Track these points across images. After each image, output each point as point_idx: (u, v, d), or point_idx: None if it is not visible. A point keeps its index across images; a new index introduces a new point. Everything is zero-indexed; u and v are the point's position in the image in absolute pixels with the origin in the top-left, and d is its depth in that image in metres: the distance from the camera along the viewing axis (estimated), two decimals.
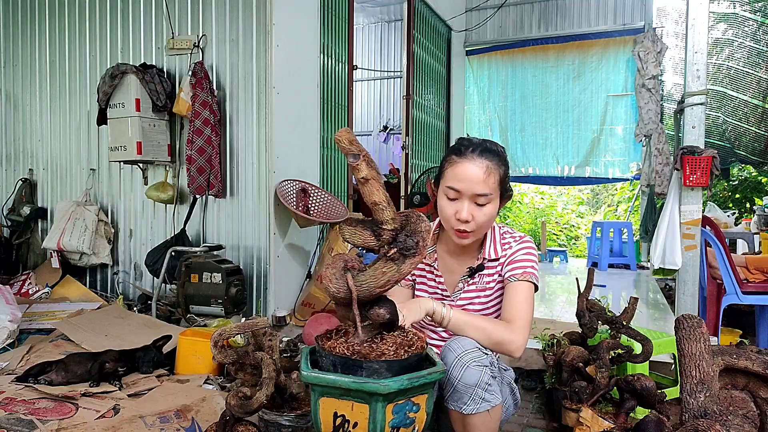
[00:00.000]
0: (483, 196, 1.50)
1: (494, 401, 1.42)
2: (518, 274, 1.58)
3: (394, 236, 1.24)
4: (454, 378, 1.39)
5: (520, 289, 1.56)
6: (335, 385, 1.20)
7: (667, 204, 3.49)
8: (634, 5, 6.64)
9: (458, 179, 1.51)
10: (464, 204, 1.51)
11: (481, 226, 1.55)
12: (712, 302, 3.54)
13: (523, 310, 1.54)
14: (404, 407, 1.21)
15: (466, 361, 1.38)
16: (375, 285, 1.23)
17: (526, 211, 10.07)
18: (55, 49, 4.35)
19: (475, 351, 1.42)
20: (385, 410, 1.18)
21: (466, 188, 1.50)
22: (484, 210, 1.52)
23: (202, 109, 3.50)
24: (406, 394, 1.20)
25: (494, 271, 1.66)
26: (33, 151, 4.51)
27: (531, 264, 1.60)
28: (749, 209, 7.49)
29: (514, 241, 1.65)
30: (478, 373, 1.38)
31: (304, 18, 3.87)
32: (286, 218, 3.66)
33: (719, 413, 1.36)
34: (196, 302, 3.22)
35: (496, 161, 1.52)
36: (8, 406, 2.10)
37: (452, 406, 1.43)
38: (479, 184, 1.49)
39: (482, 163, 1.50)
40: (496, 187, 1.52)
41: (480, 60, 7.53)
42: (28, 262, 4.43)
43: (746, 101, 6.02)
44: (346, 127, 1.45)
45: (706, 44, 3.33)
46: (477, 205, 1.52)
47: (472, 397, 1.39)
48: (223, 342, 1.69)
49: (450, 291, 1.70)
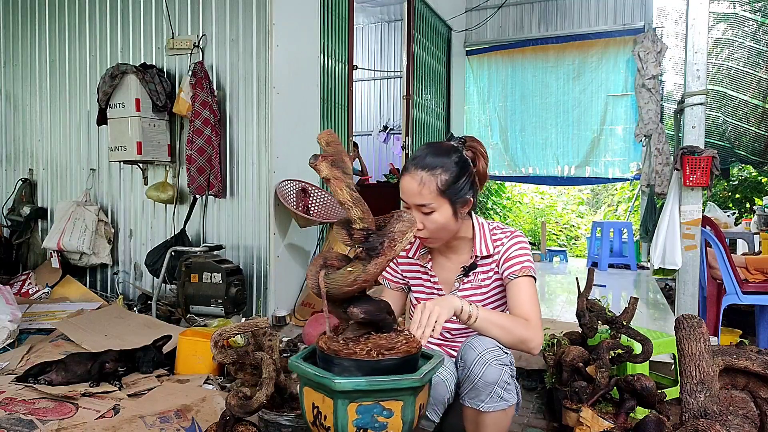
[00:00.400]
0: (423, 206, 1.54)
1: (512, 401, 1.45)
2: (517, 270, 1.59)
3: (366, 236, 1.25)
4: (474, 375, 1.41)
5: (524, 286, 1.57)
6: (306, 376, 1.24)
7: (667, 204, 3.49)
8: (634, 5, 6.64)
9: (402, 192, 1.58)
10: (414, 213, 1.56)
11: (435, 231, 1.57)
12: (712, 302, 3.54)
13: (534, 307, 1.55)
14: (371, 410, 1.19)
15: (487, 359, 1.41)
16: (342, 283, 1.25)
17: (526, 211, 10.07)
18: (55, 49, 4.35)
19: (497, 350, 1.43)
20: (347, 408, 1.19)
21: (408, 200, 1.56)
22: (431, 218, 1.55)
23: (202, 109, 3.50)
24: (371, 396, 1.18)
25: (489, 268, 1.66)
26: (33, 151, 4.51)
27: (527, 258, 1.62)
28: (749, 209, 7.49)
29: (506, 237, 1.66)
30: (499, 371, 1.41)
31: (304, 18, 3.87)
32: (286, 218, 3.66)
33: (719, 413, 1.36)
34: (196, 302, 3.22)
35: (433, 170, 1.52)
36: (8, 406, 2.10)
37: (469, 403, 1.44)
38: (415, 196, 1.53)
39: (416, 176, 1.53)
40: (435, 196, 1.52)
41: (480, 60, 7.53)
42: (28, 262, 4.43)
43: (746, 101, 6.02)
44: (329, 129, 1.48)
45: (706, 44, 3.33)
46: (424, 214, 1.55)
47: (490, 395, 1.41)
48: (223, 342, 1.69)
49: (446, 291, 1.70)
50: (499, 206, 9.46)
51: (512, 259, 1.61)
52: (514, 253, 1.62)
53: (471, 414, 1.47)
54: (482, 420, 1.44)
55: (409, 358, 1.25)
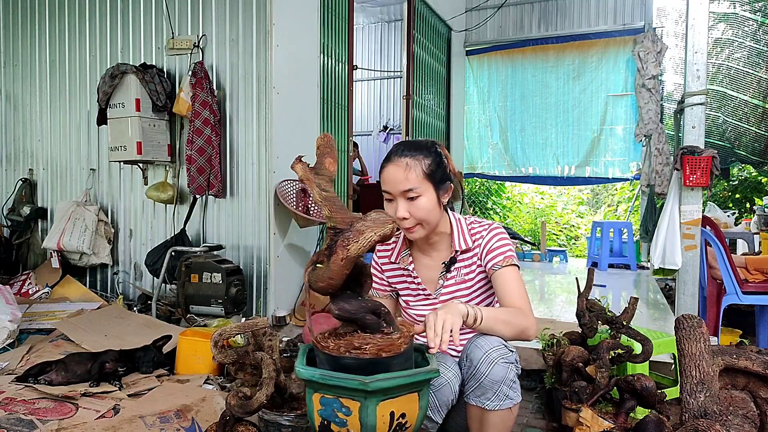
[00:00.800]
0: (409, 190, 1.55)
1: (516, 399, 1.46)
2: (500, 261, 1.61)
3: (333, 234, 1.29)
4: (481, 374, 1.42)
5: (510, 276, 1.59)
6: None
7: (667, 204, 3.49)
8: (634, 5, 6.64)
9: (385, 182, 1.59)
10: (398, 203, 1.57)
11: (422, 219, 1.58)
12: (712, 302, 3.54)
13: (523, 294, 1.58)
14: (332, 403, 1.22)
15: (494, 358, 1.42)
16: (317, 279, 1.29)
17: (526, 211, 10.07)
18: (55, 49, 4.35)
19: (502, 348, 1.44)
20: (312, 397, 1.25)
21: (392, 188, 1.57)
22: (417, 204, 1.56)
23: (202, 109, 3.50)
24: (330, 391, 1.21)
25: (471, 261, 1.67)
26: (33, 151, 4.51)
27: (508, 248, 1.63)
28: (749, 209, 7.48)
29: (484, 230, 1.67)
30: (505, 369, 1.42)
31: (304, 18, 3.87)
32: (286, 218, 3.66)
33: (719, 413, 1.36)
34: (196, 302, 3.22)
35: (416, 155, 1.57)
36: (8, 406, 2.10)
37: (474, 401, 1.45)
38: (401, 182, 1.55)
39: (401, 162, 1.56)
40: (422, 180, 1.56)
41: (480, 60, 7.53)
42: (28, 262, 4.43)
43: (746, 101, 6.02)
44: (326, 133, 1.51)
45: (706, 44, 3.33)
46: (410, 201, 1.57)
47: (496, 394, 1.42)
48: (223, 342, 1.69)
49: (430, 290, 1.71)
50: (499, 206, 9.46)
51: (494, 250, 1.63)
52: (496, 245, 1.63)
53: (476, 412, 1.47)
54: (487, 419, 1.45)
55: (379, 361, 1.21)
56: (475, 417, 1.49)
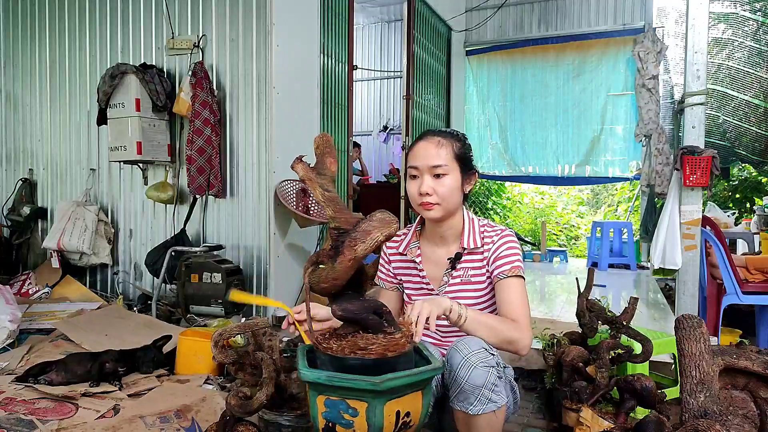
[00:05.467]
0: (438, 167, 1.59)
1: (500, 402, 1.43)
2: (506, 270, 1.60)
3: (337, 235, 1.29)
4: (461, 378, 1.39)
5: (514, 286, 1.58)
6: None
7: (667, 204, 3.50)
8: (634, 5, 6.63)
9: (414, 157, 1.63)
10: (424, 178, 1.61)
11: (444, 197, 1.61)
12: (712, 302, 3.54)
13: (523, 307, 1.56)
14: (337, 405, 1.21)
15: (473, 361, 1.39)
16: (319, 280, 1.29)
17: (526, 211, 10.06)
18: (55, 49, 4.35)
19: (482, 352, 1.42)
20: (316, 399, 1.23)
21: (422, 163, 1.60)
22: (443, 181, 1.60)
23: (202, 109, 3.50)
24: (336, 392, 1.20)
25: (480, 264, 1.67)
26: (33, 151, 4.51)
27: (517, 258, 1.63)
28: (749, 209, 7.48)
29: (496, 234, 1.67)
30: (485, 373, 1.39)
31: (304, 18, 3.87)
32: (286, 218, 3.66)
33: (719, 413, 1.36)
34: (196, 302, 3.22)
35: (449, 138, 1.64)
36: (8, 406, 2.10)
37: (458, 406, 1.43)
38: (432, 158, 1.59)
39: (434, 140, 1.62)
40: (451, 159, 1.60)
41: (480, 60, 7.52)
42: (28, 262, 4.43)
43: (747, 101, 6.02)
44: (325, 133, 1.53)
45: (706, 44, 3.33)
46: (436, 178, 1.60)
47: (478, 398, 1.39)
48: (223, 342, 1.69)
49: (435, 287, 1.71)
50: (499, 206, 9.45)
51: (502, 258, 1.62)
52: (504, 252, 1.63)
53: (462, 417, 1.45)
54: (473, 423, 1.43)
55: (384, 361, 1.22)
56: (461, 421, 1.47)
